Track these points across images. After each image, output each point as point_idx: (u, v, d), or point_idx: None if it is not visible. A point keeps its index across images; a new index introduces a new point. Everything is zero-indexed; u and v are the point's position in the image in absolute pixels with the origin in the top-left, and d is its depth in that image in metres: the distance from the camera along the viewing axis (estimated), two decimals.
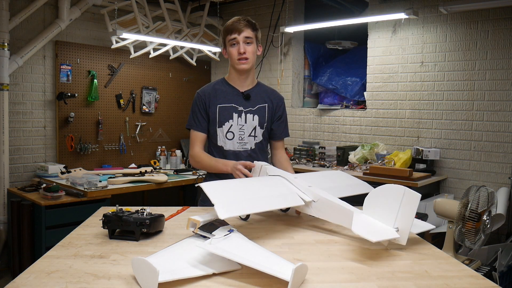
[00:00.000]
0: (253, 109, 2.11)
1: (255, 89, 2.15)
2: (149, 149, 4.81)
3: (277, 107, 2.19)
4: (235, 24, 2.00)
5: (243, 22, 2.00)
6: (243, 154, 2.09)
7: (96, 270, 1.16)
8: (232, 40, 2.01)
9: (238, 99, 2.10)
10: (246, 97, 2.10)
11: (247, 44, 2.02)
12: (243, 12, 5.17)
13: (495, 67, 3.51)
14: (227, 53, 2.07)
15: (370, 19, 3.99)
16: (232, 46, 2.02)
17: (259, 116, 2.12)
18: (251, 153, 2.11)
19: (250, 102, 2.11)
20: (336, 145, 4.34)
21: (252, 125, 2.10)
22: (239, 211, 1.37)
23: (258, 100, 2.13)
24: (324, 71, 4.73)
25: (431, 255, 1.34)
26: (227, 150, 2.09)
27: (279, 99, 2.21)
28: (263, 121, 2.13)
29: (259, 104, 2.13)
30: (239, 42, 2.00)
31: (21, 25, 3.75)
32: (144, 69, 4.74)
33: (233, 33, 2.00)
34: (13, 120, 3.76)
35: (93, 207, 2.18)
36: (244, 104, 2.10)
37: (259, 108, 2.13)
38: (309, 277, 1.12)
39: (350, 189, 1.80)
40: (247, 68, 2.06)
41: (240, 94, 2.11)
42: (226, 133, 2.08)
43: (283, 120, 2.23)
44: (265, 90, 2.19)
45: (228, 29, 2.01)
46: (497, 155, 3.52)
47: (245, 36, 2.00)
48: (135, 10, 4.00)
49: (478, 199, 2.45)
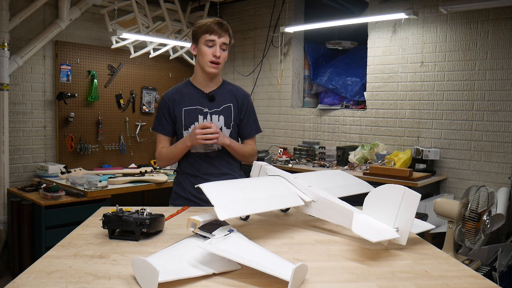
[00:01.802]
0: (218, 110, 2.10)
1: (220, 89, 2.14)
2: (149, 149, 4.81)
3: (242, 105, 2.17)
4: (217, 27, 1.99)
5: (224, 27, 2.01)
6: (210, 155, 2.10)
7: (96, 270, 1.16)
8: (209, 42, 1.99)
9: (203, 101, 2.09)
10: (210, 98, 2.09)
11: (222, 50, 2.02)
12: (243, 12, 5.17)
13: (495, 67, 3.51)
14: (198, 50, 2.04)
15: (370, 19, 3.99)
16: (208, 47, 2.00)
17: (224, 116, 2.10)
18: (219, 153, 2.11)
19: (215, 103, 2.10)
20: (336, 145, 4.34)
21: (217, 126, 2.06)
22: (239, 212, 1.37)
23: (223, 100, 2.12)
24: (324, 71, 4.73)
25: (431, 255, 1.34)
26: (195, 152, 2.09)
27: (244, 97, 2.19)
28: (229, 120, 2.12)
29: (224, 104, 2.12)
30: (216, 45, 1.99)
31: (21, 25, 3.75)
32: (144, 69, 4.74)
33: (213, 34, 1.98)
34: (13, 120, 3.76)
35: (93, 207, 2.18)
36: (209, 106, 2.09)
37: (224, 108, 2.11)
38: (309, 277, 1.12)
39: (350, 188, 1.80)
40: (216, 72, 2.07)
41: (205, 95, 2.10)
42: None
43: (249, 117, 2.20)
44: (230, 89, 2.17)
45: (208, 29, 1.99)
46: (497, 155, 3.52)
47: (223, 42, 2.01)
48: (135, 10, 4.00)
49: (478, 199, 2.45)
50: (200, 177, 2.08)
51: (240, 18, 5.19)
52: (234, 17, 5.25)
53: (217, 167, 2.11)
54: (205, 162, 2.09)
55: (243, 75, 5.12)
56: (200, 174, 2.10)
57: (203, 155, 2.09)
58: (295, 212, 1.80)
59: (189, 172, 2.13)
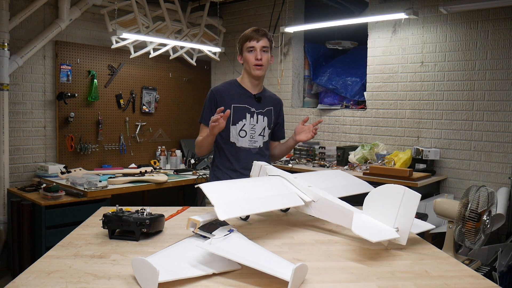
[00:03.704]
0: (263, 111, 2.31)
1: (263, 93, 2.35)
2: (149, 149, 4.81)
3: (280, 111, 2.42)
4: (254, 33, 2.19)
5: (261, 31, 2.20)
6: (252, 151, 2.28)
7: (96, 270, 1.16)
8: (250, 48, 2.19)
9: (250, 101, 2.28)
10: (258, 100, 2.29)
11: (263, 52, 2.20)
12: (243, 12, 5.17)
13: (495, 67, 3.51)
14: (243, 58, 2.24)
15: (370, 19, 3.99)
16: (250, 53, 2.20)
17: (267, 118, 2.32)
18: (259, 150, 2.30)
19: (260, 104, 2.30)
20: (336, 145, 4.34)
21: (262, 125, 2.30)
22: (239, 212, 1.37)
23: (266, 103, 2.33)
24: (324, 71, 4.73)
25: (431, 255, 1.34)
26: (239, 146, 2.26)
27: (281, 103, 2.44)
28: (271, 122, 2.34)
29: (267, 107, 2.33)
30: (256, 49, 2.18)
31: (21, 25, 3.75)
32: (144, 69, 4.74)
33: (251, 40, 2.18)
34: (13, 120, 3.76)
35: (93, 207, 2.19)
36: (256, 106, 2.29)
37: (267, 110, 2.33)
38: (309, 277, 1.12)
39: (350, 188, 1.80)
40: (262, 74, 2.24)
41: (253, 96, 2.29)
42: (239, 131, 2.25)
43: (283, 122, 2.47)
44: (270, 95, 2.40)
45: (247, 37, 2.20)
46: (497, 155, 3.52)
47: (262, 45, 2.19)
48: (135, 10, 4.00)
49: (478, 199, 2.45)
50: (239, 172, 2.24)
51: (240, 18, 5.19)
52: (234, 17, 5.25)
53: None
54: (246, 157, 2.24)
55: None
56: (239, 168, 2.25)
57: (246, 150, 2.26)
58: (295, 212, 1.80)
59: (228, 166, 2.28)
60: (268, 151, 2.38)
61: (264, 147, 2.32)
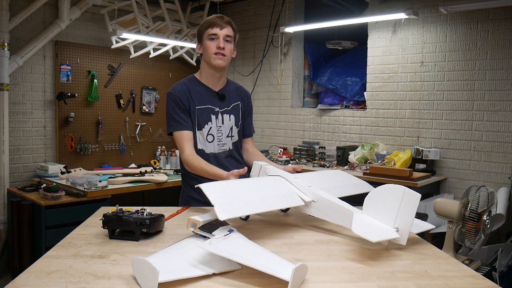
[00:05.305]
0: (228, 109, 2.07)
1: (227, 87, 2.10)
2: (149, 149, 4.81)
3: (247, 104, 2.16)
4: (218, 19, 1.96)
5: (226, 19, 1.98)
6: (222, 156, 2.06)
7: (96, 270, 1.16)
8: (212, 35, 1.95)
9: (213, 100, 2.04)
10: (221, 97, 2.05)
11: (227, 42, 1.97)
12: (243, 12, 5.18)
13: (495, 67, 3.51)
14: (203, 47, 2.00)
15: (370, 19, 3.99)
16: (211, 40, 1.96)
17: (234, 115, 2.08)
18: (229, 153, 2.08)
19: (225, 102, 2.06)
20: (336, 145, 4.34)
21: (229, 125, 2.06)
22: (239, 212, 1.37)
23: (231, 99, 2.09)
24: (324, 71, 4.73)
25: (431, 255, 1.34)
26: (209, 153, 2.03)
27: (248, 96, 2.20)
28: (238, 119, 2.10)
29: (233, 103, 2.09)
30: (219, 37, 1.95)
31: (21, 25, 3.75)
32: (144, 69, 4.74)
33: (214, 27, 1.94)
34: (13, 120, 3.76)
35: (93, 207, 2.18)
36: (219, 105, 2.05)
37: (233, 107, 2.09)
38: (309, 277, 1.12)
39: (350, 188, 1.80)
40: (223, 65, 1.99)
41: (215, 94, 2.05)
42: (206, 136, 2.02)
43: (251, 117, 2.20)
44: (235, 88, 2.15)
45: (210, 23, 1.96)
46: (497, 155, 3.52)
47: (226, 34, 1.96)
48: (135, 10, 4.00)
49: (478, 199, 2.45)
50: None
51: (240, 18, 5.19)
52: (234, 17, 5.24)
53: (227, 167, 2.04)
54: (217, 164, 1.99)
55: (243, 75, 5.11)
56: None
57: (215, 155, 2.04)
58: (295, 212, 1.80)
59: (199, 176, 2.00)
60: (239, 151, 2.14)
61: (234, 148, 2.09)
